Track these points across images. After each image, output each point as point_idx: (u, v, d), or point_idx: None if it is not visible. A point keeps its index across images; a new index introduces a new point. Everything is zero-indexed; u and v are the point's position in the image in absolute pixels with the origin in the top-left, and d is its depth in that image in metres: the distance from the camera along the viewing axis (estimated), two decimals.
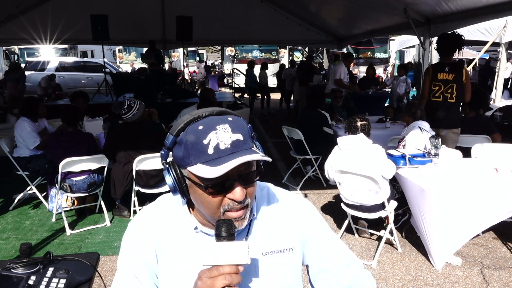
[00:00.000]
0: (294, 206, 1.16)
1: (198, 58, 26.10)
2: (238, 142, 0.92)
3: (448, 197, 3.05)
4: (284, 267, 1.10)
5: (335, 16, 9.39)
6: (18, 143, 4.55)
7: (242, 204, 0.96)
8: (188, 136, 0.93)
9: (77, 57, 18.75)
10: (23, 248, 1.50)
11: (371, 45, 18.31)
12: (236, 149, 0.91)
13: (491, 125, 4.72)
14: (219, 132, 0.91)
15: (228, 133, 0.92)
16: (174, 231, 1.07)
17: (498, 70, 8.84)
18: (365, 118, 3.71)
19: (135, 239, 1.09)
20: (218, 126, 0.92)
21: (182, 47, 15.41)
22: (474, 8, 5.22)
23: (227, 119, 0.95)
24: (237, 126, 0.94)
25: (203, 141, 0.91)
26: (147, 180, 4.04)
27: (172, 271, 1.06)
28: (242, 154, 0.90)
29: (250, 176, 0.96)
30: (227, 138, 0.91)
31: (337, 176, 3.45)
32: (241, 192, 0.94)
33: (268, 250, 1.08)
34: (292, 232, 1.12)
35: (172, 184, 0.99)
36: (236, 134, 0.92)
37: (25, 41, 9.80)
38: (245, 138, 0.93)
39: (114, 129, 4.27)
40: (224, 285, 0.85)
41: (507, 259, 3.38)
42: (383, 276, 3.14)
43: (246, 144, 0.93)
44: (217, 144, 0.90)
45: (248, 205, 0.98)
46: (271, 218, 1.12)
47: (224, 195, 0.95)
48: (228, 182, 0.93)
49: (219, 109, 0.99)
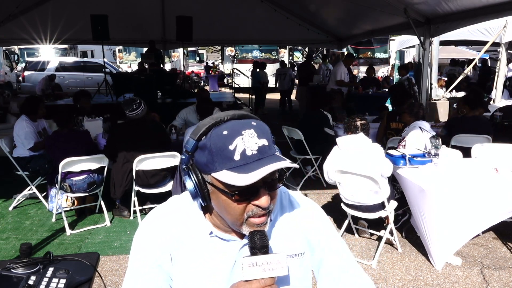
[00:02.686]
0: (307, 212, 1.15)
1: (198, 58, 26.12)
2: (264, 148, 0.90)
3: (448, 197, 3.05)
4: (295, 271, 1.09)
5: (335, 16, 9.40)
6: (17, 142, 4.55)
7: (266, 210, 0.95)
8: (213, 141, 0.91)
9: (77, 57, 18.75)
10: (23, 248, 1.49)
11: (371, 45, 18.30)
12: (263, 155, 0.90)
13: (490, 126, 4.71)
14: (245, 138, 0.90)
15: (254, 138, 0.90)
16: (190, 234, 1.05)
17: (498, 70, 8.84)
18: (364, 117, 3.71)
19: (149, 239, 1.07)
20: (243, 131, 0.90)
21: (182, 47, 15.43)
22: (474, 8, 5.22)
23: (251, 123, 0.93)
24: (262, 130, 0.93)
25: (229, 147, 0.89)
26: (147, 179, 4.03)
27: (187, 274, 1.04)
28: (270, 160, 0.89)
29: (275, 183, 0.95)
30: (253, 143, 0.90)
31: (337, 176, 3.45)
32: (267, 198, 0.93)
33: None
34: (303, 237, 1.12)
35: (193, 189, 0.97)
36: (262, 140, 0.91)
37: (25, 41, 9.81)
38: (269, 143, 0.93)
39: (116, 129, 4.26)
40: None
41: (507, 259, 3.38)
42: (383, 276, 3.14)
43: (271, 149, 0.92)
44: (244, 150, 0.89)
45: (271, 211, 0.98)
46: (284, 222, 1.11)
47: (249, 202, 0.94)
48: (254, 188, 0.91)
49: (241, 113, 0.96)
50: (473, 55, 13.58)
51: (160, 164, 3.99)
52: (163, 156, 3.97)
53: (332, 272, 1.13)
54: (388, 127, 4.89)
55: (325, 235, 1.15)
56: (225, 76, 20.28)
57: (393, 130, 4.80)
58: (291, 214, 1.13)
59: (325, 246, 1.14)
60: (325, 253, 1.13)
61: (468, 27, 7.42)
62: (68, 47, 18.84)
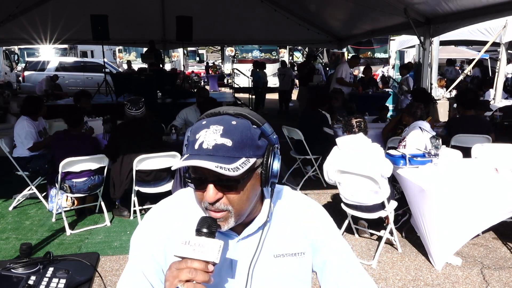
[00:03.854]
0: (309, 212, 1.15)
1: (198, 58, 26.11)
2: (221, 147, 0.91)
3: (448, 197, 3.04)
4: (294, 270, 1.09)
5: (335, 16, 9.40)
6: (17, 142, 4.54)
7: (217, 207, 0.94)
8: (193, 127, 0.97)
9: (77, 57, 18.75)
10: (23, 248, 1.49)
11: (371, 45, 18.29)
12: (216, 152, 0.90)
13: (490, 126, 4.71)
14: (208, 132, 0.92)
15: (216, 135, 0.91)
16: (188, 228, 1.03)
17: (498, 70, 8.83)
18: (359, 116, 3.70)
19: (145, 234, 1.09)
20: (212, 126, 0.93)
21: (182, 47, 15.42)
22: (474, 8, 5.22)
23: (229, 121, 0.95)
24: (233, 131, 0.93)
25: (196, 135, 0.94)
26: (143, 177, 4.03)
27: None
28: (213, 159, 0.89)
29: (228, 183, 0.93)
30: (211, 139, 0.91)
31: (337, 176, 3.45)
32: (213, 193, 0.92)
33: (280, 252, 1.08)
34: (304, 237, 1.11)
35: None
36: (224, 139, 0.91)
37: (25, 41, 9.81)
38: (234, 146, 0.91)
39: (117, 129, 4.26)
40: (188, 278, 0.84)
41: (507, 259, 3.38)
42: (383, 276, 3.14)
43: (230, 151, 0.91)
44: (202, 142, 0.92)
45: (230, 211, 0.95)
46: (285, 221, 1.11)
47: (203, 192, 0.95)
48: (205, 181, 0.93)
49: (236, 110, 0.98)
50: (473, 55, 13.57)
51: (160, 164, 4.00)
52: (163, 156, 3.98)
53: (334, 272, 1.12)
54: (400, 122, 4.78)
55: (327, 236, 1.15)
56: (225, 76, 20.29)
57: (404, 125, 4.64)
58: (291, 213, 1.13)
59: (328, 247, 1.13)
60: (328, 254, 1.13)
61: (468, 27, 7.42)
62: (68, 47, 18.83)
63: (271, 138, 1.01)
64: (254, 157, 0.95)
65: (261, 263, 1.06)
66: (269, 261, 1.07)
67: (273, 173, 0.98)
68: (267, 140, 1.00)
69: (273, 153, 0.99)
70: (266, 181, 0.98)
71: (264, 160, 0.97)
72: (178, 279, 0.85)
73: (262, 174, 0.98)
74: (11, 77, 16.41)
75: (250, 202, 0.99)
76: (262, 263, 1.07)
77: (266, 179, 0.98)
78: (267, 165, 0.97)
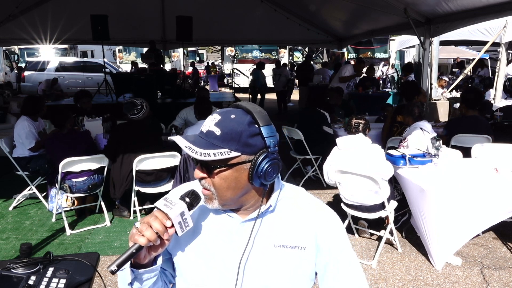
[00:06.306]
0: (319, 212, 1.17)
1: (198, 58, 26.11)
2: (211, 134, 1.03)
3: (448, 197, 3.04)
4: (293, 263, 1.11)
5: (335, 16, 9.40)
6: (17, 142, 4.54)
7: (203, 184, 1.07)
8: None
9: (77, 57, 18.72)
10: (23, 248, 1.50)
11: (371, 45, 18.26)
12: (205, 137, 1.03)
13: (489, 126, 4.70)
14: (209, 118, 1.06)
15: (212, 122, 1.04)
16: (198, 211, 1.15)
17: (498, 70, 8.83)
18: (363, 117, 3.71)
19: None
20: (215, 114, 1.06)
21: (182, 47, 15.43)
22: (474, 8, 5.23)
23: (229, 114, 1.04)
24: (225, 123, 1.03)
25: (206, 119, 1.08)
26: (144, 177, 4.03)
27: (191, 250, 1.14)
28: (199, 143, 1.01)
29: (209, 166, 1.04)
30: (207, 125, 1.04)
31: (337, 176, 3.45)
32: (197, 172, 1.07)
33: (280, 243, 1.11)
34: (308, 234, 1.13)
35: None
36: (216, 128, 1.02)
37: (25, 41, 9.81)
38: (222, 136, 1.01)
39: (117, 130, 4.25)
40: (147, 222, 0.99)
41: (507, 259, 3.38)
42: (383, 276, 3.14)
43: (217, 139, 1.02)
44: (204, 125, 1.06)
45: (213, 193, 1.06)
46: (290, 215, 1.14)
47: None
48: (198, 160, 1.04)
49: (247, 106, 1.06)
50: (473, 55, 13.58)
51: (160, 164, 4.00)
52: (163, 156, 3.98)
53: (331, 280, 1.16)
54: (394, 120, 4.83)
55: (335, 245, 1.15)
56: (225, 76, 20.29)
57: (398, 123, 4.73)
58: (302, 211, 1.15)
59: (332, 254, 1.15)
60: (330, 258, 1.14)
61: (468, 27, 7.42)
62: (68, 47, 18.81)
63: (266, 140, 1.05)
64: (238, 152, 1.02)
65: (259, 250, 1.11)
66: (268, 249, 1.11)
67: (257, 173, 1.03)
68: (264, 141, 1.04)
69: (265, 155, 1.04)
70: (252, 178, 1.05)
71: (254, 158, 1.03)
72: (142, 220, 1.00)
73: (249, 171, 1.05)
74: (11, 77, 16.40)
75: (233, 191, 1.07)
76: (260, 250, 1.11)
77: (252, 177, 1.04)
78: (254, 164, 1.03)
